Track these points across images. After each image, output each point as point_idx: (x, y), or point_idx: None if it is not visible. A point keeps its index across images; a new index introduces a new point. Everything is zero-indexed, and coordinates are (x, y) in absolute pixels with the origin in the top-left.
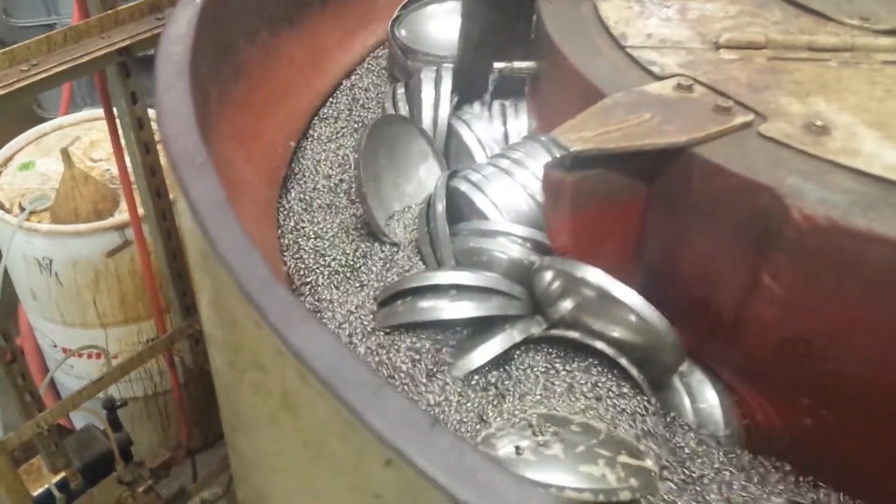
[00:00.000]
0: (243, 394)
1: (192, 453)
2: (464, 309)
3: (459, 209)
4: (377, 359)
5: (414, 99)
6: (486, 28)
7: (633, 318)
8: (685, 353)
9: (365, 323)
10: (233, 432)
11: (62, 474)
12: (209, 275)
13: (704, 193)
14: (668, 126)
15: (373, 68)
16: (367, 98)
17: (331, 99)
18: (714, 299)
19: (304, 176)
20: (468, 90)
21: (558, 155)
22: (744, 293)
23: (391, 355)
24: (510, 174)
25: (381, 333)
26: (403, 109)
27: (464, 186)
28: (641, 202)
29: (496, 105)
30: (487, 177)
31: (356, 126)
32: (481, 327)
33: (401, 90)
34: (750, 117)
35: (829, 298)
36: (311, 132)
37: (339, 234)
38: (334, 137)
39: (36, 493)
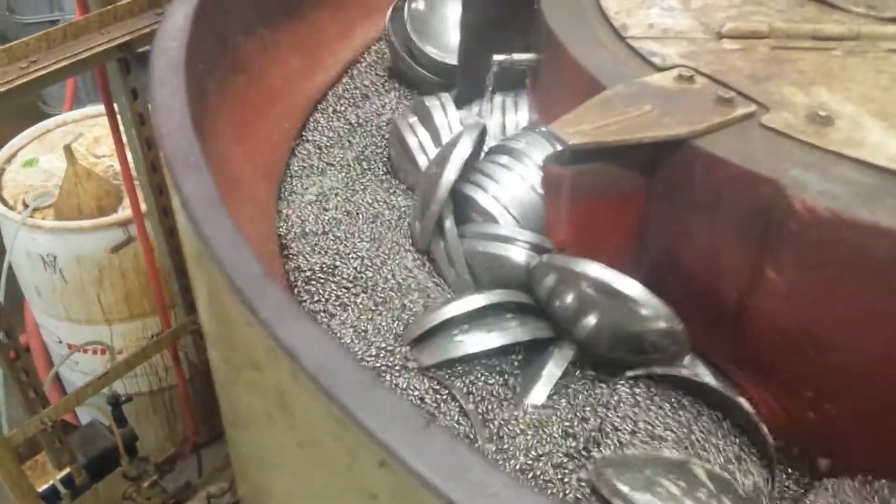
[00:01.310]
0: (240, 392)
1: (197, 448)
2: (501, 337)
3: (460, 207)
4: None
5: (429, 126)
6: (486, 19)
7: (635, 308)
8: (689, 342)
9: (383, 337)
10: (232, 429)
11: (67, 470)
12: (203, 273)
13: (706, 186)
14: (668, 118)
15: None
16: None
17: (316, 119)
18: (716, 292)
19: (306, 176)
20: (468, 83)
21: (557, 148)
22: (746, 286)
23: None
24: (511, 169)
25: (411, 368)
26: (423, 137)
27: (467, 189)
28: (642, 195)
29: (497, 98)
30: (489, 174)
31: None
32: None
33: (412, 118)
34: (752, 108)
35: (832, 291)
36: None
37: (343, 235)
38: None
39: (41, 489)
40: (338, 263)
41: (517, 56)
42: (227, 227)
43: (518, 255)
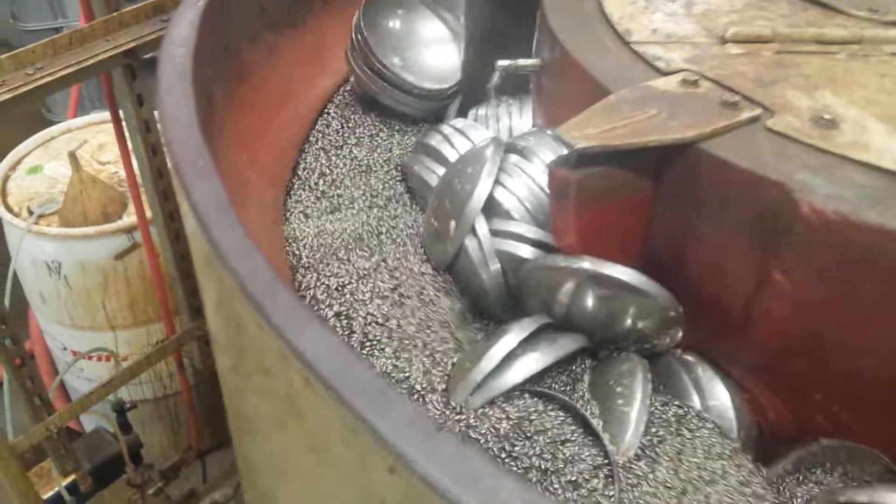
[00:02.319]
0: (249, 397)
1: (202, 455)
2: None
3: None
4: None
5: (442, 160)
6: (489, 25)
7: (625, 291)
8: (682, 313)
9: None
10: (239, 435)
11: (72, 477)
12: (213, 278)
13: (712, 189)
14: (674, 122)
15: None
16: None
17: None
18: (723, 296)
19: (310, 180)
20: (472, 89)
21: (563, 152)
22: (754, 289)
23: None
24: (522, 166)
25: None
26: (440, 171)
27: None
28: (648, 199)
29: (501, 103)
30: (503, 169)
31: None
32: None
33: (422, 156)
34: (757, 112)
35: (840, 293)
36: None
37: (350, 241)
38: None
39: (46, 496)
40: (352, 282)
41: (521, 61)
42: (237, 232)
43: (526, 252)
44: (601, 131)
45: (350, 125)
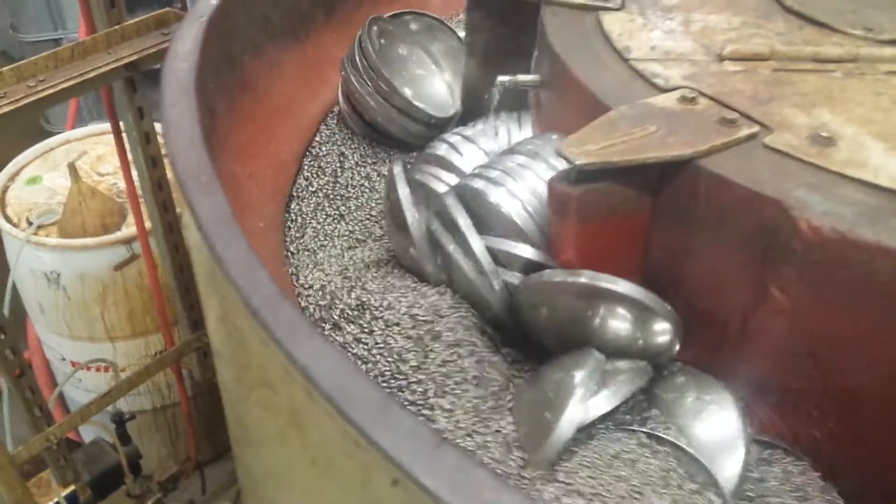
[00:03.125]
0: (251, 410)
1: (200, 466)
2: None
3: (468, 206)
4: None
5: (450, 169)
6: (489, 41)
7: (622, 303)
8: (681, 325)
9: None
10: (240, 447)
11: (71, 488)
12: (216, 291)
13: (710, 206)
14: (672, 139)
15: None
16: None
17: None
18: (721, 312)
19: (310, 194)
20: (471, 104)
21: (563, 167)
22: (751, 305)
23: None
24: (528, 167)
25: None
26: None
27: (479, 184)
28: (647, 215)
29: (499, 119)
30: (507, 171)
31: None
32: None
33: (432, 168)
34: (755, 129)
35: (837, 310)
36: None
37: (347, 253)
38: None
39: None
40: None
41: (521, 77)
42: (241, 246)
43: (514, 278)
44: (600, 147)
45: (352, 156)
